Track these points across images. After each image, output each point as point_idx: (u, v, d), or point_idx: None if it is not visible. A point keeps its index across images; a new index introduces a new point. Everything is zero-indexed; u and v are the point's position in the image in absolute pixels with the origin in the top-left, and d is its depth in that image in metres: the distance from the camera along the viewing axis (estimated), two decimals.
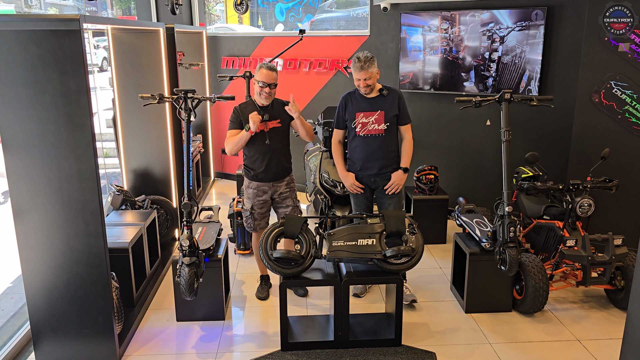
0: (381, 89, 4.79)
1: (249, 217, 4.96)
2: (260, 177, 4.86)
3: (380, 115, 4.76)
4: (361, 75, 4.66)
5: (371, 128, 4.78)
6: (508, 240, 4.47)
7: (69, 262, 3.94)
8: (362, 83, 4.68)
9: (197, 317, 4.81)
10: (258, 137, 4.74)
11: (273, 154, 4.82)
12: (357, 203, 5.04)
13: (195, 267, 4.24)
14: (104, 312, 4.08)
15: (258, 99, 4.75)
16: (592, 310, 5.01)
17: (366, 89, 4.71)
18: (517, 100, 4.67)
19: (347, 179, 4.94)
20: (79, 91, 3.63)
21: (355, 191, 4.92)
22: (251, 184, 4.92)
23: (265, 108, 4.77)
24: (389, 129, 4.79)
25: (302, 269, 4.19)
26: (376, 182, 4.92)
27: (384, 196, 4.92)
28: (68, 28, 3.52)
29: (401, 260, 4.19)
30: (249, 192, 4.93)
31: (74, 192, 3.80)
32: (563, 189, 5.03)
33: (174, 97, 4.48)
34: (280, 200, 4.96)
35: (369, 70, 4.64)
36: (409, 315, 4.90)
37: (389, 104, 4.78)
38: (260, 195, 4.90)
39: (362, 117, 4.78)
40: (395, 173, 4.85)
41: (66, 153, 3.73)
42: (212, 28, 10.97)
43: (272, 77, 4.68)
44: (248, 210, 4.95)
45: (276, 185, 4.91)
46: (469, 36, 6.66)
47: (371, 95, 4.80)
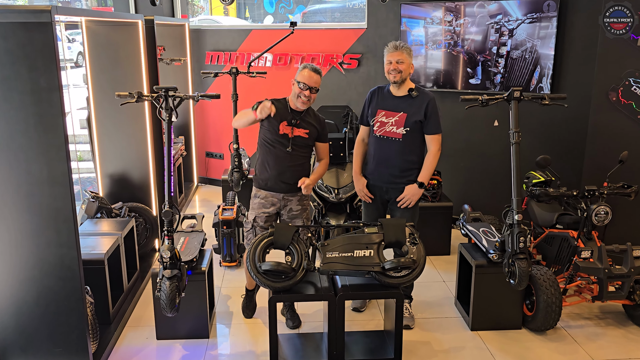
0: (411, 89, 4.79)
1: (250, 231, 4.82)
2: (270, 185, 4.73)
3: (401, 117, 4.73)
4: (394, 55, 4.68)
5: (389, 130, 4.77)
6: (518, 252, 4.45)
7: (39, 275, 3.95)
8: (393, 65, 4.68)
9: (179, 334, 4.81)
10: (279, 142, 4.65)
11: (290, 164, 4.68)
12: (367, 213, 5.06)
13: (177, 281, 4.25)
14: (78, 330, 4.08)
15: (293, 102, 4.65)
16: (609, 328, 5.04)
17: (396, 74, 4.69)
18: (528, 98, 4.66)
19: (359, 182, 4.94)
20: (51, 89, 3.65)
21: (364, 198, 4.93)
22: (259, 193, 4.78)
23: (299, 114, 4.69)
24: (409, 134, 4.74)
25: (293, 282, 4.17)
26: (388, 193, 4.90)
27: (396, 210, 4.89)
28: (38, 20, 3.54)
29: (401, 273, 4.19)
30: (255, 203, 4.80)
31: (45, 199, 3.81)
32: (577, 196, 5.05)
33: (154, 96, 4.48)
34: (289, 219, 4.78)
35: (403, 54, 4.67)
36: (410, 333, 4.92)
37: (415, 108, 4.74)
38: (267, 207, 4.76)
39: (382, 115, 4.79)
40: (409, 187, 4.80)
41: (36, 156, 3.74)
42: (196, 20, 11.01)
43: (315, 80, 4.56)
44: (250, 223, 4.82)
45: (287, 199, 4.76)
46: (475, 29, 6.71)
47: (398, 94, 4.80)
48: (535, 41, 6.33)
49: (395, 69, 4.69)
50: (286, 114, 4.65)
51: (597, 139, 5.97)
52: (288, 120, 4.64)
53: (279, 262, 4.12)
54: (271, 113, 4.46)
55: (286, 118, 4.64)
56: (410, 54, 4.73)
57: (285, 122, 4.63)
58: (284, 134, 4.63)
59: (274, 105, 4.50)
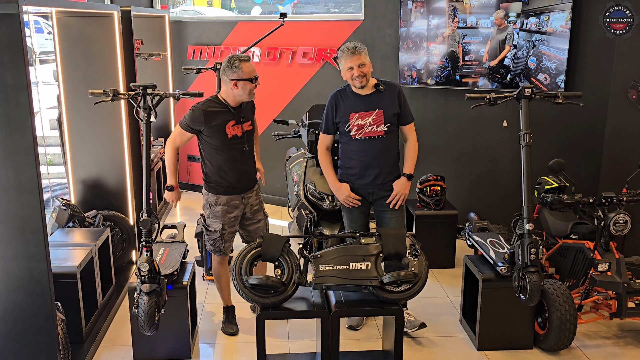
0: (377, 83, 4.84)
1: (218, 240, 4.97)
2: (231, 189, 4.90)
3: (378, 115, 4.81)
4: (354, 61, 4.70)
5: (369, 130, 4.82)
6: (528, 264, 4.42)
7: (6, 290, 3.95)
8: (356, 71, 4.71)
9: (158, 355, 4.81)
10: (232, 144, 4.79)
11: (247, 160, 4.94)
12: (352, 219, 5.07)
13: (156, 296, 4.25)
14: (47, 350, 4.08)
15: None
16: (629, 348, 5.06)
17: (361, 79, 4.74)
18: (540, 97, 4.68)
19: (341, 191, 4.98)
20: (18, 86, 3.65)
21: (352, 204, 4.95)
22: (219, 200, 4.91)
23: (240, 109, 4.84)
24: (389, 129, 4.85)
25: (283, 298, 4.16)
26: (375, 194, 4.96)
27: (385, 210, 4.96)
28: (5, 11, 3.55)
29: (401, 287, 4.19)
30: (217, 210, 4.92)
31: (12, 207, 3.81)
32: (594, 203, 5.07)
33: (131, 94, 4.50)
34: (251, 215, 5.04)
35: (362, 55, 4.70)
36: (411, 352, 4.93)
37: (388, 101, 4.83)
38: (232, 211, 4.93)
39: (357, 118, 4.83)
40: (398, 181, 4.90)
41: (2, 160, 3.74)
42: (177, 11, 11.01)
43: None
44: (218, 232, 4.95)
45: (246, 197, 4.98)
46: (482, 21, 6.74)
47: (365, 92, 4.85)
48: (548, 34, 6.35)
49: (359, 75, 4.74)
50: (228, 115, 4.78)
51: (616, 141, 6.00)
52: (236, 119, 4.79)
53: (267, 275, 4.12)
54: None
55: (232, 119, 4.78)
56: (366, 52, 4.80)
57: (231, 122, 4.77)
58: (234, 135, 4.79)
59: (218, 111, 4.73)
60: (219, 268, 5.16)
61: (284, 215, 8.24)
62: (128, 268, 6.28)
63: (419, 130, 5.04)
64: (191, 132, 4.79)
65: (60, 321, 4.26)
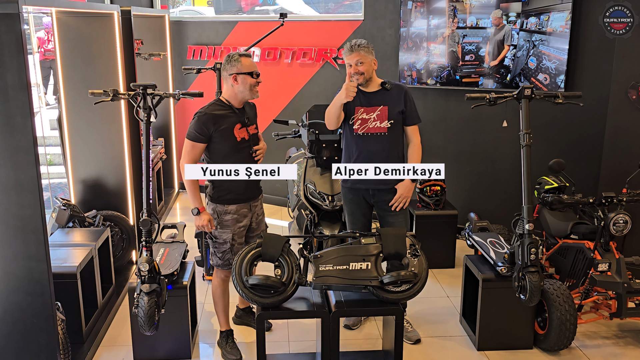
0: (383, 82, 4.84)
1: (228, 252, 4.73)
2: (241, 197, 4.72)
3: (383, 111, 4.81)
4: (352, 58, 4.71)
5: (372, 126, 4.82)
6: (528, 264, 4.43)
7: (6, 290, 3.95)
8: (354, 69, 4.72)
9: (158, 355, 4.82)
10: (241, 149, 4.65)
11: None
12: (353, 220, 5.07)
13: (156, 296, 4.25)
14: (48, 350, 4.08)
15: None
16: (629, 348, 5.07)
17: (359, 77, 4.73)
18: (540, 97, 4.69)
19: (345, 86, 4.74)
20: (18, 86, 3.66)
21: (352, 92, 4.72)
22: (228, 209, 4.67)
23: (243, 111, 4.72)
24: (393, 127, 4.84)
25: (283, 298, 4.17)
26: (376, 196, 4.94)
27: (388, 213, 4.94)
28: (5, 11, 3.55)
29: (401, 287, 4.19)
30: (227, 219, 4.69)
31: (12, 207, 3.82)
32: (594, 203, 5.08)
33: (131, 94, 4.49)
34: (256, 225, 4.88)
35: (361, 53, 4.69)
36: (411, 353, 4.94)
37: (394, 99, 4.83)
38: (241, 220, 4.74)
39: (362, 112, 4.82)
40: (401, 184, 4.86)
41: (2, 160, 3.75)
42: (177, 11, 11.03)
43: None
44: (228, 242, 4.72)
45: (254, 205, 4.82)
46: (482, 20, 6.74)
47: (371, 90, 4.85)
48: (548, 33, 6.36)
49: (356, 72, 4.73)
50: (234, 118, 4.63)
51: (616, 141, 6.01)
52: (241, 122, 4.64)
53: (267, 275, 4.12)
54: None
55: (238, 121, 4.62)
56: (369, 50, 4.76)
57: (238, 124, 4.62)
58: (242, 138, 4.64)
59: (224, 114, 4.57)
60: (222, 286, 4.91)
61: (284, 215, 8.24)
62: (128, 268, 6.28)
63: (419, 129, 5.03)
64: (202, 142, 4.52)
65: (60, 321, 4.26)
